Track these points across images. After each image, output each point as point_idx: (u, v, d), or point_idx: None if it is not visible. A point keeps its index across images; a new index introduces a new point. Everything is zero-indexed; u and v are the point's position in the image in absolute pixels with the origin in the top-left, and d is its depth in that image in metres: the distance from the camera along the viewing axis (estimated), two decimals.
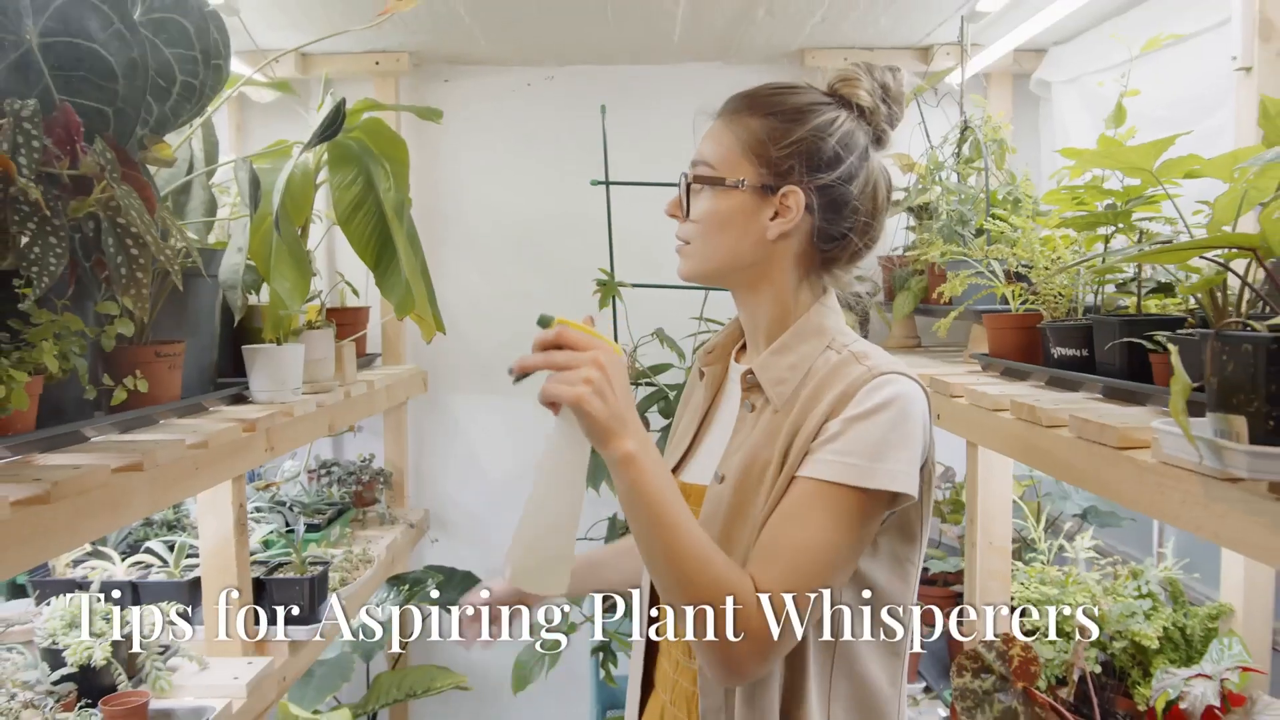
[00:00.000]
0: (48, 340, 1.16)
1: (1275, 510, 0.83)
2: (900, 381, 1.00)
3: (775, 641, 0.92)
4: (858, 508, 0.96)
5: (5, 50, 1.18)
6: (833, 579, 0.97)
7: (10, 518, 0.97)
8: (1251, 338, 0.80)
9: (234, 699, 1.54)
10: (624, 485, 0.93)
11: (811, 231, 1.06)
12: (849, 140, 1.06)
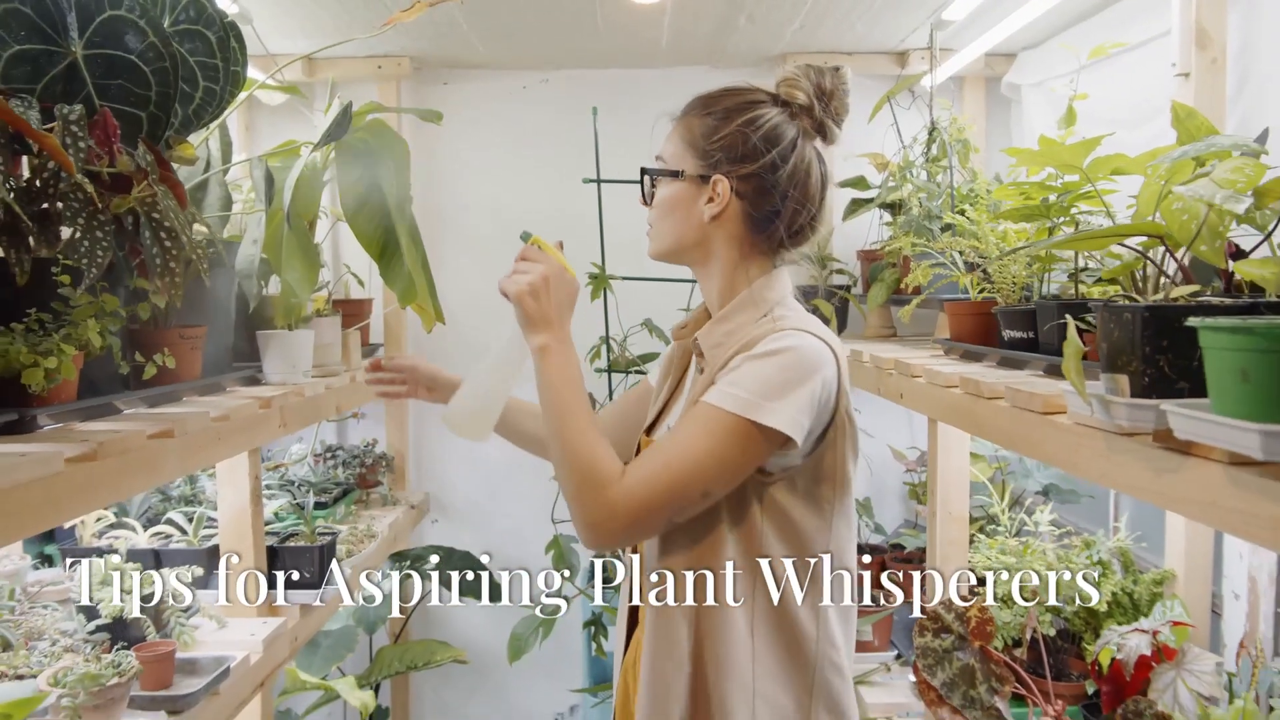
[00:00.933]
0: (91, 319, 1.30)
1: (1159, 457, 0.97)
2: (803, 337, 1.13)
3: (622, 523, 1.10)
4: (735, 434, 1.09)
5: (55, 61, 1.32)
6: (695, 488, 1.11)
7: (65, 470, 1.11)
8: (1130, 308, 0.94)
9: (251, 652, 1.69)
10: (538, 370, 1.17)
11: (744, 214, 1.22)
12: (775, 134, 1.20)
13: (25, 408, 1.24)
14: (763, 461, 1.13)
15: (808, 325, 1.17)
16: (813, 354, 1.13)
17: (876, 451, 3.02)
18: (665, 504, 1.11)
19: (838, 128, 1.27)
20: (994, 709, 1.84)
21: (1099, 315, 1.00)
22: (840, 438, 1.18)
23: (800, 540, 1.17)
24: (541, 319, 1.18)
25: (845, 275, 2.88)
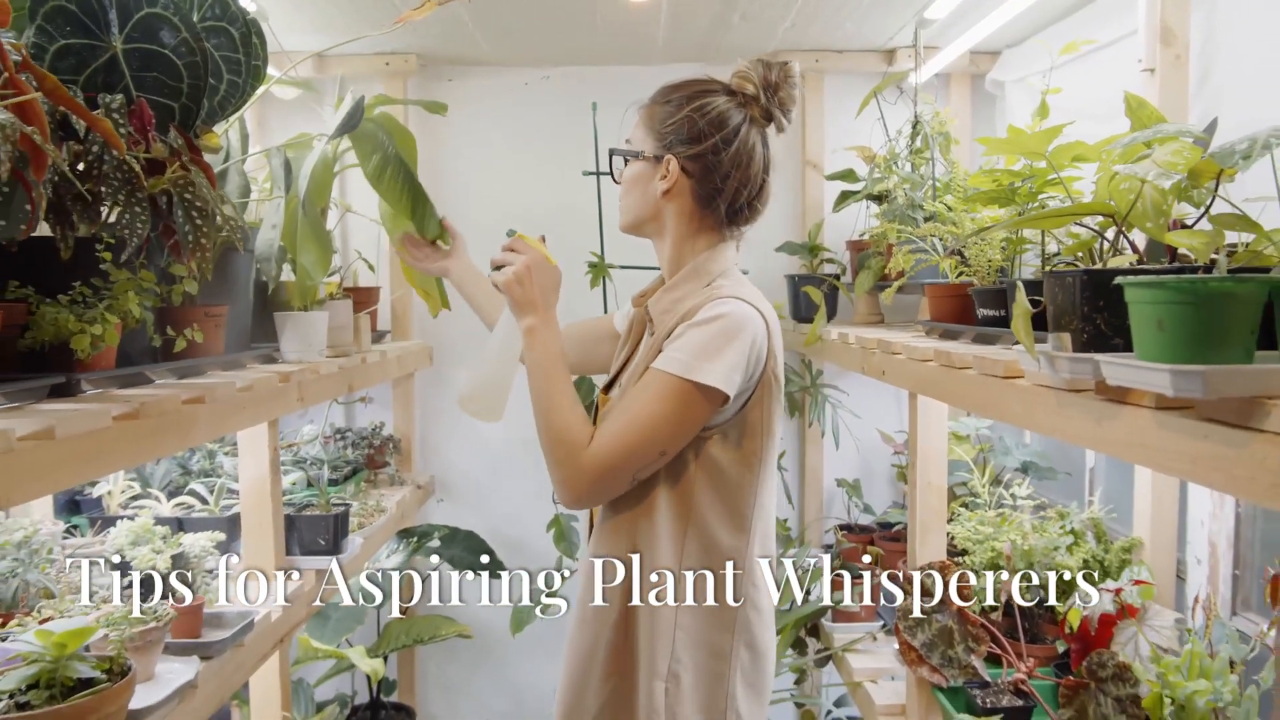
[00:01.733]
0: (130, 293, 1.41)
1: (1099, 407, 1.08)
2: (734, 303, 1.28)
3: (591, 483, 1.27)
4: (680, 395, 1.24)
5: (97, 54, 1.43)
6: (652, 448, 1.26)
7: (112, 426, 1.23)
8: (1071, 273, 1.05)
9: (272, 610, 1.80)
10: (526, 348, 1.36)
11: (691, 191, 1.36)
12: (722, 119, 1.35)
13: (71, 372, 1.35)
14: (709, 418, 1.27)
15: (740, 293, 1.31)
16: (742, 318, 1.27)
17: (866, 435, 3.13)
18: (626, 463, 1.26)
19: (785, 116, 1.41)
20: (970, 667, 1.96)
21: (1045, 282, 1.12)
22: (766, 396, 1.31)
23: (728, 489, 1.31)
24: (528, 303, 1.36)
25: (835, 264, 2.99)
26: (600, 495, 1.32)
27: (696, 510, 1.31)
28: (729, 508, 1.31)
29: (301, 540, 2.07)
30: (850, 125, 3.01)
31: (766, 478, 1.36)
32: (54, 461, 1.10)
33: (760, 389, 1.30)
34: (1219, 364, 0.83)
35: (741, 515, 1.32)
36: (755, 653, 1.35)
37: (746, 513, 1.32)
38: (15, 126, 1.00)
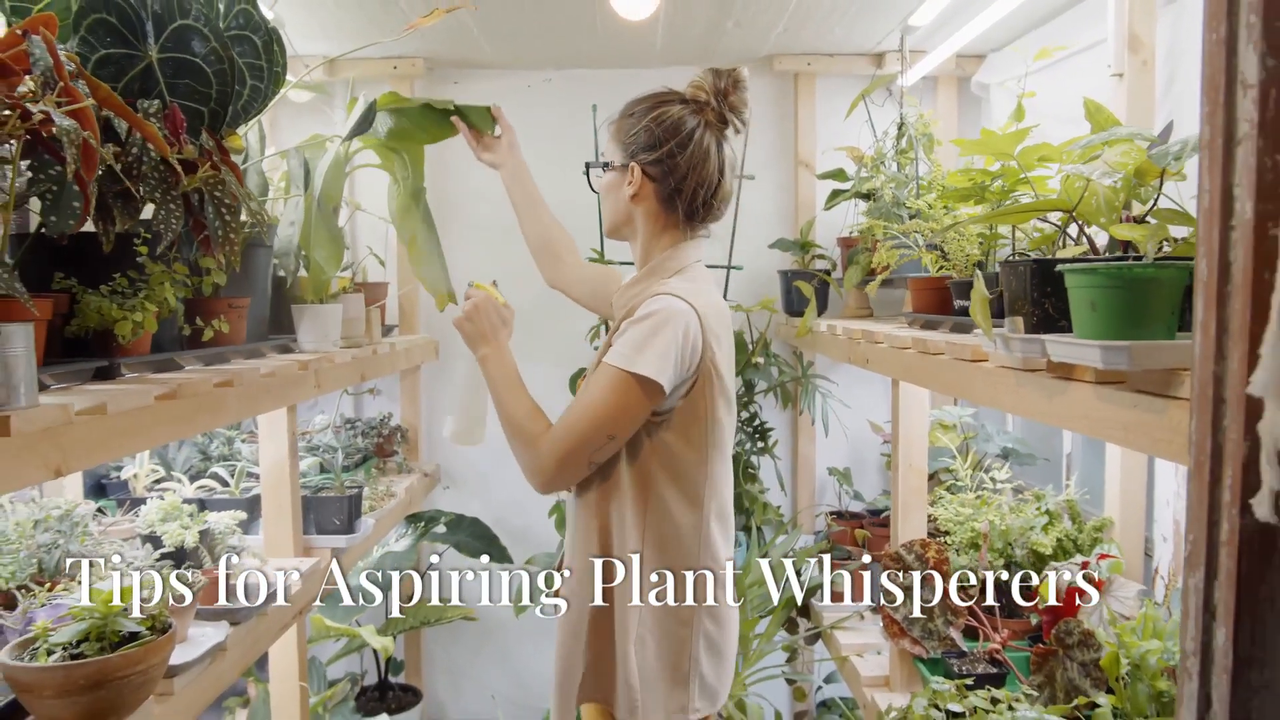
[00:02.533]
0: (166, 283, 1.53)
1: (1050, 384, 1.20)
2: (667, 300, 1.39)
3: (551, 468, 1.42)
4: (620, 384, 1.36)
5: (134, 63, 1.55)
6: (600, 433, 1.39)
7: (155, 405, 1.34)
8: (1023, 262, 1.17)
9: (292, 584, 1.91)
10: (484, 372, 1.55)
11: (655, 193, 1.49)
12: (677, 126, 1.47)
13: (112, 357, 1.47)
14: (651, 405, 1.39)
15: (678, 290, 1.41)
16: (672, 313, 1.38)
17: (856, 426, 3.25)
18: (579, 448, 1.40)
19: (738, 119, 1.52)
20: (949, 639, 2.07)
21: (1001, 270, 1.23)
22: (707, 385, 1.42)
23: (680, 470, 1.43)
24: (478, 337, 1.56)
25: (826, 260, 3.11)
26: (562, 478, 1.45)
27: (654, 489, 1.42)
28: (682, 487, 1.43)
29: (318, 521, 2.18)
30: (841, 126, 3.12)
31: (717, 459, 1.46)
32: (106, 434, 1.21)
33: (700, 379, 1.41)
34: (1143, 340, 0.95)
35: (695, 494, 1.44)
36: (717, 619, 1.47)
37: (699, 491, 1.44)
38: (78, 132, 1.11)
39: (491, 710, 3.42)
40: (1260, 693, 0.81)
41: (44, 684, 1.19)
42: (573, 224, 3.16)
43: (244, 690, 2.63)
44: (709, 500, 1.45)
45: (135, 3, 1.54)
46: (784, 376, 3.06)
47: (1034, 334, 1.16)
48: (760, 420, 3.04)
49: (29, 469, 1.07)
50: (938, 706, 1.66)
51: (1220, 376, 0.81)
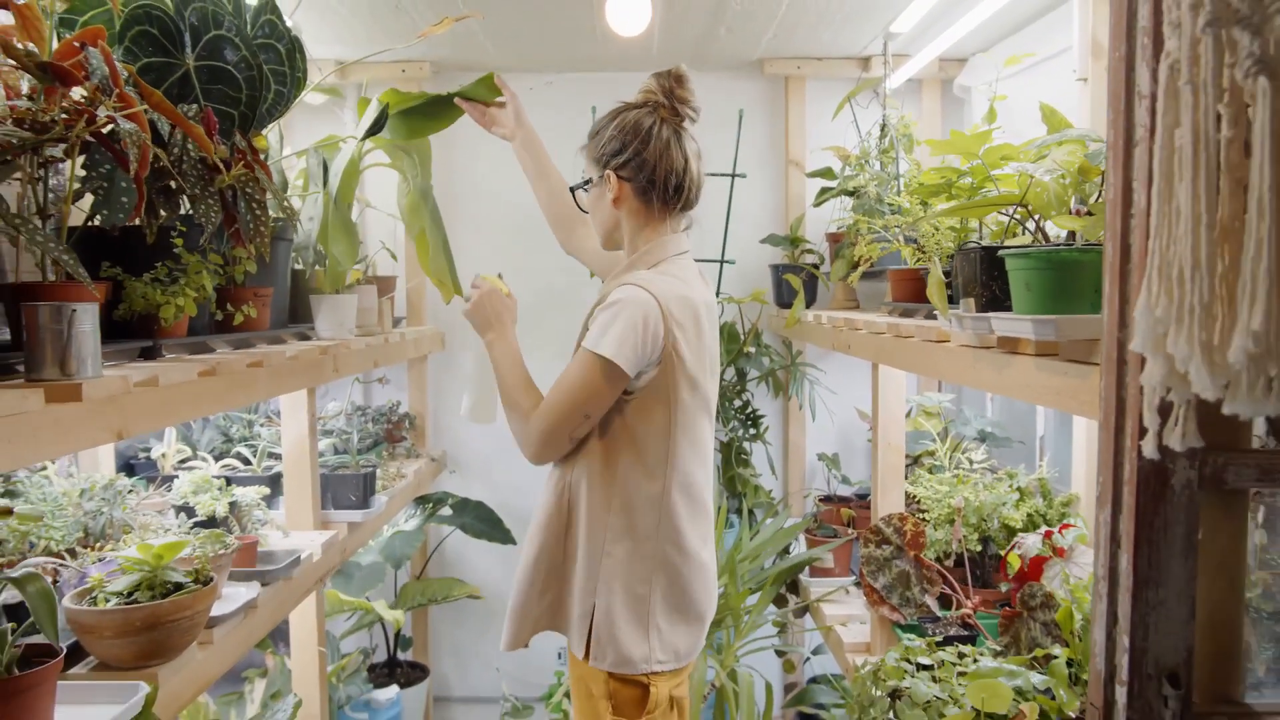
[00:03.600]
0: (203, 272, 1.67)
1: (1000, 359, 1.34)
2: (630, 290, 1.53)
3: (537, 441, 1.58)
4: (590, 366, 1.51)
5: (173, 70, 1.69)
6: (576, 411, 1.54)
7: (198, 380, 1.49)
8: (974, 249, 1.32)
9: (313, 553, 2.06)
10: (490, 355, 1.71)
11: (633, 191, 1.64)
12: (636, 126, 1.64)
13: (155, 338, 1.62)
14: (618, 385, 1.53)
15: (643, 281, 1.55)
16: (632, 301, 1.51)
17: (845, 413, 3.40)
18: (559, 425, 1.56)
19: (688, 108, 1.69)
20: (924, 605, 2.22)
21: (956, 257, 1.38)
22: (669, 368, 1.54)
23: (643, 445, 1.56)
24: (484, 324, 1.73)
25: (814, 254, 3.26)
26: (547, 450, 1.61)
27: (620, 460, 1.57)
28: (645, 461, 1.56)
29: (335, 497, 2.33)
30: (829, 126, 3.26)
31: (680, 436, 1.58)
32: (158, 403, 1.36)
33: (664, 362, 1.54)
34: (1069, 314, 1.09)
35: (656, 467, 1.57)
36: (674, 580, 1.59)
37: (660, 465, 1.57)
38: (139, 135, 1.26)
39: (494, 688, 3.56)
40: (1156, 608, 0.96)
41: (104, 626, 1.34)
42: None
43: (262, 663, 2.78)
44: (670, 473, 1.57)
45: (175, 15, 1.69)
46: (774, 365, 3.20)
47: (983, 313, 1.31)
48: (753, 408, 3.19)
49: (96, 430, 1.21)
50: (909, 660, 1.80)
51: (1123, 341, 0.96)
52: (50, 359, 1.20)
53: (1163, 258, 0.77)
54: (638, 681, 1.57)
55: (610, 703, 1.58)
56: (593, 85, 3.42)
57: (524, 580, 1.66)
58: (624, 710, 1.57)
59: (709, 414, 1.67)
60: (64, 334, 1.20)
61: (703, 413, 1.64)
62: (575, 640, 1.61)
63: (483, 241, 3.45)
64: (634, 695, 1.57)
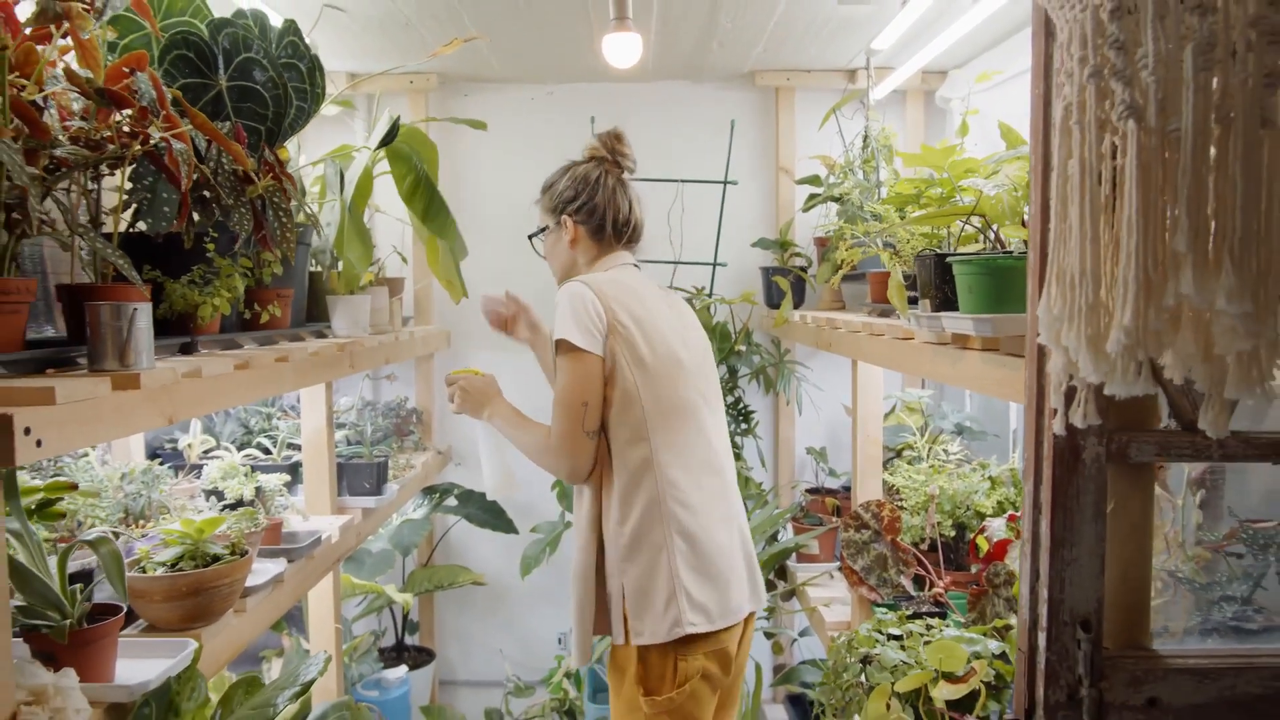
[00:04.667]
0: (235, 275, 1.83)
1: (954, 354, 1.50)
2: (574, 285, 1.79)
3: (562, 452, 1.75)
4: (565, 356, 1.74)
5: (207, 90, 1.85)
6: (577, 403, 1.74)
7: (234, 373, 1.65)
8: (930, 255, 1.48)
9: (331, 535, 2.22)
10: (498, 426, 1.94)
11: (586, 232, 1.90)
12: (585, 178, 1.95)
13: (192, 335, 1.78)
14: (593, 364, 1.74)
15: (580, 279, 1.80)
16: (568, 292, 1.77)
17: (832, 410, 3.56)
18: (567, 422, 1.75)
19: (627, 161, 1.99)
20: (900, 586, 2.38)
21: (916, 262, 1.54)
22: (617, 339, 1.75)
23: (621, 415, 1.75)
24: (478, 407, 1.98)
25: (803, 257, 3.42)
26: (574, 455, 1.76)
27: (611, 436, 1.77)
28: (627, 427, 1.75)
29: (350, 484, 2.49)
30: (818, 134, 3.43)
31: (651, 400, 1.75)
32: (202, 392, 1.52)
33: (611, 335, 1.75)
34: (1004, 314, 1.25)
35: (638, 431, 1.75)
36: (691, 539, 1.74)
37: (641, 428, 1.75)
38: (189, 154, 1.42)
39: (496, 673, 3.72)
40: (1070, 565, 1.12)
41: (155, 590, 1.50)
42: None
43: (278, 644, 2.94)
44: (654, 434, 1.75)
45: (209, 40, 1.85)
46: (764, 363, 3.36)
47: (936, 313, 1.47)
48: (744, 404, 3.35)
49: (151, 415, 1.37)
50: (880, 632, 1.96)
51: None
52: (111, 352, 1.36)
53: (1059, 266, 0.93)
54: (669, 655, 1.71)
55: (642, 686, 1.71)
56: (591, 95, 3.58)
57: (577, 598, 1.82)
58: (655, 688, 1.70)
59: (682, 373, 1.82)
60: (124, 330, 1.36)
61: (672, 372, 1.79)
62: (616, 626, 1.75)
63: (487, 244, 3.61)
64: (664, 671, 1.71)
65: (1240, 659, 1.14)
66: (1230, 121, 0.84)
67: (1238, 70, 0.83)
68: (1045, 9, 1.01)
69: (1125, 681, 1.13)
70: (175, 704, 1.36)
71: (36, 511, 1.38)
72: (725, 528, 1.82)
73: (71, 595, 1.29)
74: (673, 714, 1.70)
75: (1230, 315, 0.83)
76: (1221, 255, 0.84)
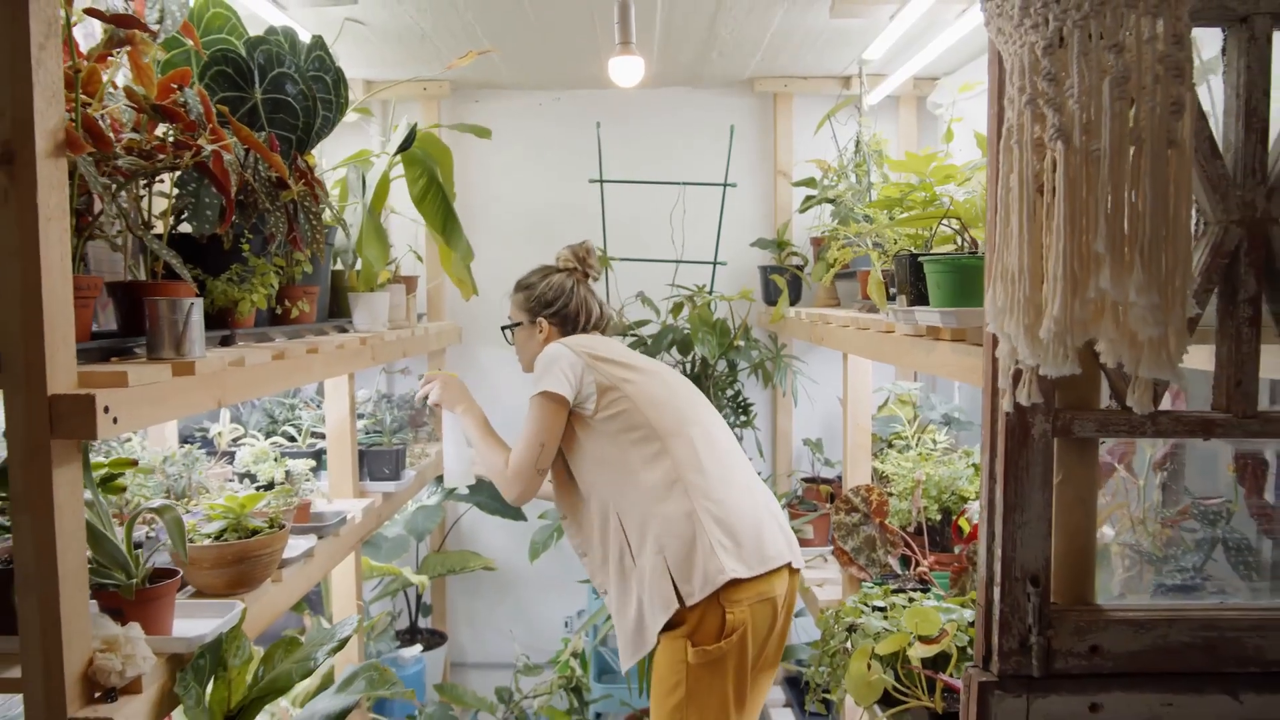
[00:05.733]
0: (270, 273, 1.99)
1: (928, 344, 1.65)
2: (553, 347, 2.14)
3: (511, 479, 2.10)
4: (538, 405, 2.07)
5: (244, 103, 2.01)
6: (535, 444, 2.07)
7: (271, 363, 1.81)
8: (905, 256, 1.63)
9: (355, 515, 2.38)
10: (464, 423, 2.27)
11: (556, 327, 2.29)
12: (560, 286, 2.29)
13: (231, 329, 1.93)
14: (562, 411, 2.05)
15: (559, 343, 2.13)
16: (547, 354, 2.12)
17: (828, 403, 3.71)
18: (525, 462, 2.06)
19: (595, 270, 2.36)
20: (887, 565, 2.53)
21: (895, 261, 1.69)
22: (601, 377, 2.05)
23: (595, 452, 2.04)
24: (451, 402, 2.31)
25: (799, 257, 3.57)
26: (522, 488, 2.10)
27: (616, 449, 2.04)
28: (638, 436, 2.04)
29: (370, 469, 2.65)
30: (814, 139, 3.58)
31: (647, 402, 2.06)
32: (245, 379, 1.68)
33: (590, 369, 2.08)
34: (967, 307, 1.40)
35: (635, 423, 2.04)
36: (718, 504, 1.97)
37: (641, 422, 2.04)
38: (237, 164, 1.57)
39: (506, 655, 3.88)
40: (1021, 528, 1.27)
41: (204, 558, 1.66)
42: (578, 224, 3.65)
43: (299, 624, 3.09)
44: (658, 424, 2.04)
45: (246, 57, 2.01)
46: (762, 357, 3.52)
47: (911, 307, 1.62)
48: (743, 398, 3.50)
49: (204, 398, 1.53)
50: (866, 604, 2.11)
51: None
52: (169, 343, 1.51)
53: (1002, 265, 1.08)
54: (716, 608, 1.90)
55: (690, 639, 1.90)
56: (596, 102, 3.74)
57: (617, 605, 2.04)
58: (703, 640, 1.90)
59: (667, 377, 2.17)
60: (179, 323, 1.52)
61: (662, 376, 2.15)
62: (667, 600, 1.92)
63: (497, 244, 3.77)
64: (713, 624, 1.91)
65: (1172, 612, 1.30)
66: (1142, 143, 0.99)
67: (1148, 99, 0.99)
68: (994, 42, 1.16)
69: (1070, 630, 1.28)
70: (223, 659, 1.52)
71: (101, 485, 1.53)
72: (747, 495, 2.05)
73: (136, 558, 1.45)
74: (715, 665, 1.90)
75: (1141, 306, 0.99)
76: (1134, 256, 0.99)
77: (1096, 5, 1.00)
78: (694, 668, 1.89)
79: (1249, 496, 1.71)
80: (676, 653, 1.90)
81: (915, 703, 1.75)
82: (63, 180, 1.26)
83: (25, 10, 1.18)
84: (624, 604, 2.00)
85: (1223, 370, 1.26)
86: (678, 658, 1.90)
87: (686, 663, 1.89)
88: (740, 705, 1.97)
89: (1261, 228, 1.23)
